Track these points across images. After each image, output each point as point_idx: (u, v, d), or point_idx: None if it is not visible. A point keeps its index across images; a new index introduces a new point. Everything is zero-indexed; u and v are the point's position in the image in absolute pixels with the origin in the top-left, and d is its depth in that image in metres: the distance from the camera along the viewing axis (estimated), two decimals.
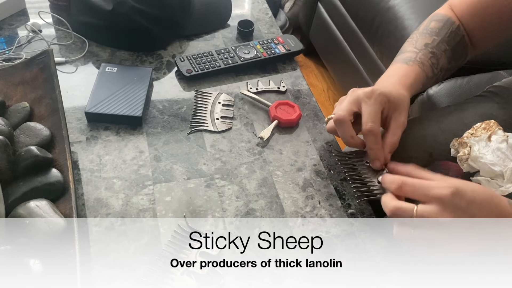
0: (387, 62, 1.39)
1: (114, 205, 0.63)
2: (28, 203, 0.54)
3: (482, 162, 0.62)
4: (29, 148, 0.58)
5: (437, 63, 0.72)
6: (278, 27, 0.96)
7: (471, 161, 0.63)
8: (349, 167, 0.65)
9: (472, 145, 0.64)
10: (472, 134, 0.65)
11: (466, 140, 0.64)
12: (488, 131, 0.64)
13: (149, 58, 0.84)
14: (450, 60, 0.73)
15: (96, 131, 0.71)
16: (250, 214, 0.64)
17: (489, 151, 0.62)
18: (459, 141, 0.66)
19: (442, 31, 0.73)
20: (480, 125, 0.66)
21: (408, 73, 0.69)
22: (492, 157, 0.62)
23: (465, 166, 0.64)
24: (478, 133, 0.65)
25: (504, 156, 0.61)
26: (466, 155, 0.63)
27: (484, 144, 0.63)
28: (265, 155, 0.71)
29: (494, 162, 0.61)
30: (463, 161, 0.64)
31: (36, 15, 0.87)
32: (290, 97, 0.81)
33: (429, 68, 0.71)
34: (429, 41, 0.72)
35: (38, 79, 0.67)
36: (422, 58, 0.71)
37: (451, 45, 0.73)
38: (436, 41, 0.72)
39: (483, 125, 0.66)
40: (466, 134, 0.67)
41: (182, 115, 0.75)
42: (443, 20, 0.74)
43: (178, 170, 0.68)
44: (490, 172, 0.62)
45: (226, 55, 0.84)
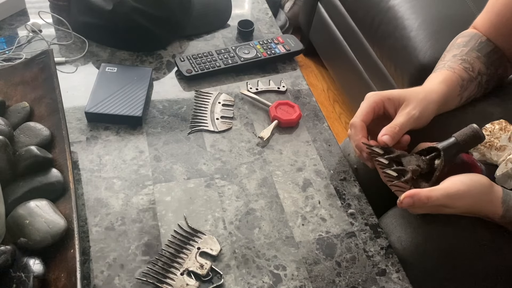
0: (387, 62, 1.39)
1: (114, 205, 0.63)
2: (28, 203, 0.54)
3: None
4: (29, 148, 0.58)
5: (471, 67, 0.69)
6: (278, 27, 0.96)
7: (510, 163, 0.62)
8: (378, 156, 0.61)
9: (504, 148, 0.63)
10: (490, 137, 0.65)
11: (502, 143, 0.63)
12: (506, 132, 0.64)
13: (149, 58, 0.84)
14: (488, 66, 0.70)
15: (96, 131, 0.71)
16: (250, 214, 0.64)
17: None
18: (488, 144, 0.65)
19: (470, 43, 0.71)
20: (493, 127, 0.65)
21: (435, 76, 0.68)
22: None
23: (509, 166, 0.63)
24: (496, 134, 0.64)
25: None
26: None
27: (509, 144, 0.63)
28: (265, 155, 0.71)
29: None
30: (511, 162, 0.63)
31: (36, 15, 0.87)
32: (290, 97, 0.81)
33: (461, 71, 0.68)
34: (457, 52, 0.70)
35: (38, 79, 0.67)
36: (452, 65, 0.68)
37: (483, 53, 0.70)
38: (465, 51, 0.70)
39: (497, 126, 0.65)
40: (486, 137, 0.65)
41: (182, 115, 0.75)
42: (469, 35, 0.73)
43: (178, 170, 0.68)
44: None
45: (226, 55, 0.84)
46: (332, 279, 0.59)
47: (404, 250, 0.64)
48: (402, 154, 0.61)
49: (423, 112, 0.62)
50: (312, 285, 0.58)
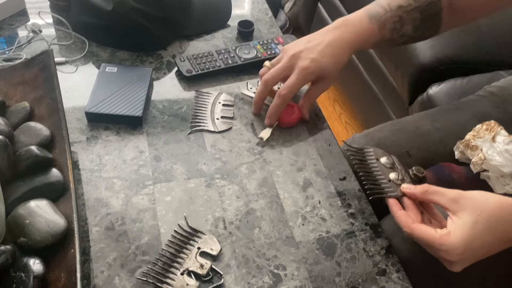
0: (387, 62, 1.39)
1: (114, 205, 0.63)
2: (28, 203, 0.54)
3: (491, 164, 0.62)
4: (29, 148, 0.58)
5: (400, 28, 0.70)
6: (278, 27, 0.96)
7: (483, 164, 0.63)
8: (361, 163, 0.64)
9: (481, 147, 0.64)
10: (474, 136, 0.66)
11: (476, 143, 0.64)
12: (491, 132, 0.64)
13: (149, 58, 0.84)
14: (417, 30, 0.71)
15: (96, 131, 0.71)
16: (250, 214, 0.64)
17: (494, 152, 0.63)
18: (464, 143, 0.66)
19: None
20: (481, 127, 0.66)
21: (362, 33, 0.70)
22: (501, 158, 0.62)
23: (477, 168, 0.64)
24: (480, 134, 0.65)
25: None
26: (482, 159, 0.63)
27: (489, 145, 0.64)
28: (265, 155, 0.71)
29: (503, 164, 0.62)
30: (478, 165, 0.64)
31: (36, 15, 0.87)
32: None
33: (388, 31, 0.70)
34: (403, 3, 0.70)
35: (38, 79, 0.67)
36: (387, 20, 0.69)
37: (424, 16, 0.70)
38: (411, 6, 0.70)
39: (484, 126, 0.66)
40: (468, 136, 0.67)
41: (182, 115, 0.75)
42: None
43: (178, 170, 0.68)
44: (498, 172, 0.62)
45: (226, 55, 0.84)
46: (332, 279, 0.59)
47: (406, 251, 0.64)
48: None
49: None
50: (312, 285, 0.58)
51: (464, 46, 1.21)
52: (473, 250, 0.51)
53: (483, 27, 1.22)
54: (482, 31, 1.22)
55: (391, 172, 0.62)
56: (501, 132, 0.64)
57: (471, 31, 1.21)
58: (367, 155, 0.65)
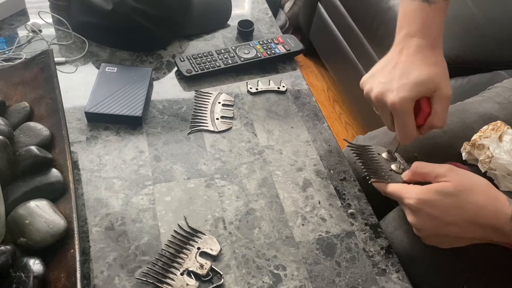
0: None
1: (114, 205, 0.63)
2: (28, 203, 0.54)
3: (498, 163, 0.62)
4: (29, 148, 0.58)
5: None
6: (278, 27, 0.96)
7: (491, 162, 0.63)
8: (362, 156, 0.64)
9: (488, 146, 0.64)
10: (480, 137, 0.66)
11: (483, 142, 0.64)
12: (497, 132, 0.64)
13: (149, 58, 0.84)
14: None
15: (96, 131, 0.71)
16: (250, 214, 0.64)
17: (501, 151, 0.63)
18: (471, 143, 0.66)
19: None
20: (488, 127, 0.66)
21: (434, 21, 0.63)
22: (508, 157, 0.62)
23: (485, 167, 0.64)
24: (487, 134, 0.65)
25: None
26: (490, 157, 0.63)
27: (495, 145, 0.64)
28: (265, 155, 0.71)
29: (510, 162, 0.62)
30: (486, 163, 0.64)
31: (36, 15, 0.87)
32: (290, 97, 0.81)
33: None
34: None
35: (38, 79, 0.67)
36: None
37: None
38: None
39: (490, 126, 0.66)
40: (475, 137, 0.67)
41: (182, 115, 0.75)
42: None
43: (178, 170, 0.68)
44: (505, 171, 0.63)
45: (226, 55, 0.84)
46: (332, 279, 0.59)
47: (405, 250, 0.64)
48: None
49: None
50: (312, 285, 0.58)
51: (464, 46, 1.21)
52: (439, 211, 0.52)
53: (483, 27, 1.22)
54: (482, 31, 1.22)
55: (392, 163, 0.63)
56: (507, 131, 0.65)
57: (471, 31, 1.21)
58: (369, 151, 0.66)
